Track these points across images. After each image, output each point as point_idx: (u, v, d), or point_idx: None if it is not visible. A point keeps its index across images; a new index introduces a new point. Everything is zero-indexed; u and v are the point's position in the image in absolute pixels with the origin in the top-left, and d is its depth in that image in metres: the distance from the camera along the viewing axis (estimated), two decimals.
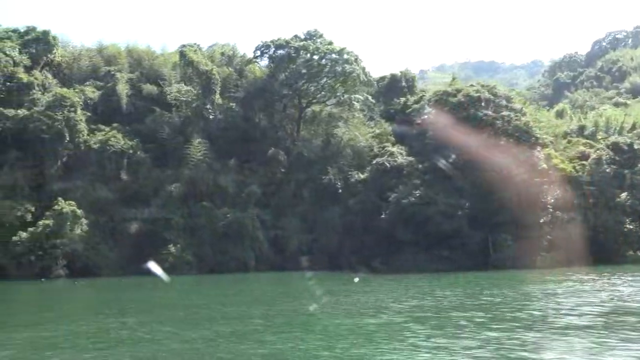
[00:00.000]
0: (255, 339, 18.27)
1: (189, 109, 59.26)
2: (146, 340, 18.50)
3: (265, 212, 56.22)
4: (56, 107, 53.04)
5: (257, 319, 23.24)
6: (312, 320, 22.41)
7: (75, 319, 24.95)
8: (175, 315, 25.02)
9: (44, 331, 20.68)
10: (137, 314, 25.52)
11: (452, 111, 52.01)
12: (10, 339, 18.87)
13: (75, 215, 48.51)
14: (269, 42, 64.33)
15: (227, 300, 31.69)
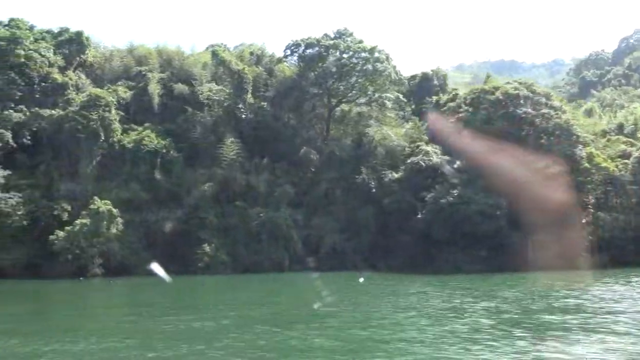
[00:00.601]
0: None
1: (220, 108, 59.15)
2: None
3: (297, 212, 55.85)
4: (91, 106, 53.30)
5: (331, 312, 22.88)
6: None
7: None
8: (267, 313, 25.94)
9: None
10: (228, 313, 26.21)
11: (489, 109, 50.98)
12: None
13: (111, 215, 48.63)
14: (299, 41, 64.04)
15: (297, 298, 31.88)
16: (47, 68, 55.24)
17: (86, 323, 25.73)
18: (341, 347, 18.42)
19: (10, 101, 52.32)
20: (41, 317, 27.98)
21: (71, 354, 17.83)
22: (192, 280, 45.90)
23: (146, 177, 54.69)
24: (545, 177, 46.32)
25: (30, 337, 20.30)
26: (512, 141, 49.05)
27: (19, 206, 46.99)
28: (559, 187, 46.24)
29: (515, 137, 48.93)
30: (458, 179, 48.66)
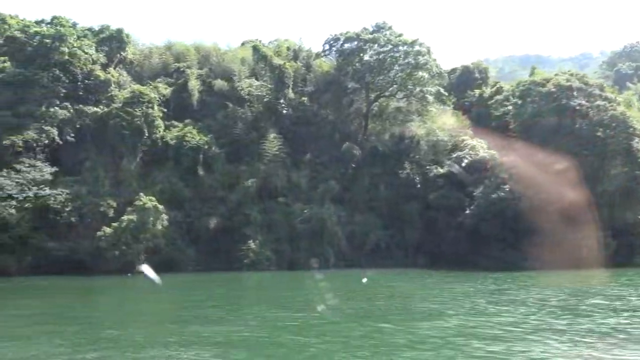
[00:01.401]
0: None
1: (260, 104, 58.69)
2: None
3: (339, 208, 55.11)
4: (134, 103, 53.38)
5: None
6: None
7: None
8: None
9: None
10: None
11: (540, 102, 49.50)
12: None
13: (157, 211, 48.57)
14: (338, 36, 63.25)
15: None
16: (91, 65, 55.42)
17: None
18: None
19: (56, 98, 52.62)
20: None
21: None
22: (239, 276, 45.52)
23: (188, 174, 54.62)
24: (601, 171, 44.73)
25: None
26: (564, 135, 47.51)
27: (67, 203, 47.20)
28: (617, 181, 44.66)
29: (567, 131, 47.31)
30: (508, 174, 47.30)
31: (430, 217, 52.78)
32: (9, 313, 27.48)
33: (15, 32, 55.70)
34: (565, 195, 41.22)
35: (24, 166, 47.63)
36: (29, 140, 49.39)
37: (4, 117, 50.17)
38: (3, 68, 51.73)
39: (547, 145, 47.88)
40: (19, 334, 20.77)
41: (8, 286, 40.25)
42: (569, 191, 43.95)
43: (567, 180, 44.49)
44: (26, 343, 19.11)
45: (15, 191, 45.73)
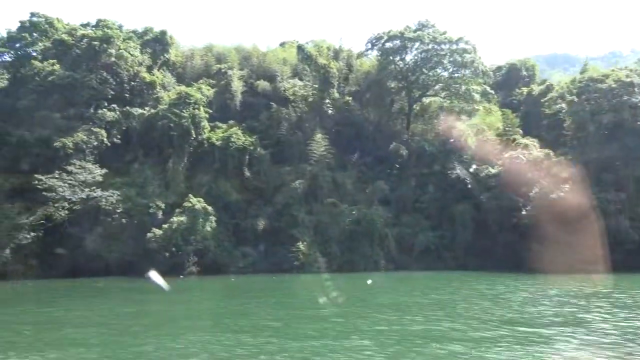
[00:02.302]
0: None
1: (305, 104, 58.08)
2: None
3: (385, 209, 54.09)
4: (181, 104, 53.26)
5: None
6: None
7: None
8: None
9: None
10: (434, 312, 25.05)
11: (599, 99, 47.79)
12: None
13: (206, 212, 48.24)
14: (381, 34, 62.32)
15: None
16: (137, 67, 55.52)
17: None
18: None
19: (104, 100, 52.81)
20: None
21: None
22: (295, 278, 44.75)
23: (234, 175, 54.27)
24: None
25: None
26: (624, 132, 45.73)
27: (118, 204, 47.16)
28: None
29: (628, 128, 45.49)
30: (568, 173, 45.71)
31: (481, 218, 51.38)
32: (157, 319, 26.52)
33: (63, 35, 56.13)
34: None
35: (75, 168, 47.76)
36: (79, 142, 49.59)
37: (55, 120, 50.52)
38: (53, 71, 52.07)
39: (606, 142, 46.19)
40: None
41: (79, 287, 39.94)
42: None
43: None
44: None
45: (68, 193, 45.83)
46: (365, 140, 59.11)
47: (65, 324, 23.99)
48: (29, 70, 53.86)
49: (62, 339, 20.49)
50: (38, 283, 42.47)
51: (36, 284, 42.44)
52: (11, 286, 41.04)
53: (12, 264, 45.80)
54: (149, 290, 40.31)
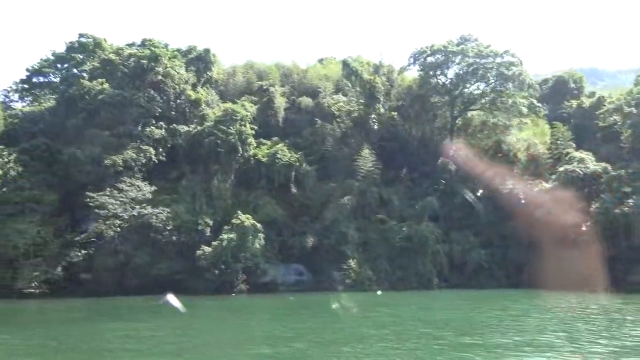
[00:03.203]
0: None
1: (349, 119, 57.60)
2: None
3: (434, 226, 52.82)
4: (227, 121, 53.24)
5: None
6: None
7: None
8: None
9: None
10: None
11: None
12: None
13: (255, 229, 47.73)
14: (424, 49, 61.70)
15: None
16: (183, 85, 55.86)
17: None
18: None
19: (151, 118, 53.14)
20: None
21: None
22: (355, 296, 43.50)
23: (279, 191, 53.81)
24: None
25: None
26: None
27: (167, 221, 47.00)
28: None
29: None
30: (632, 187, 44.05)
31: (535, 235, 49.67)
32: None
33: (111, 54, 56.92)
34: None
35: (126, 185, 47.88)
36: (128, 159, 49.82)
37: (104, 137, 50.93)
38: (102, 90, 52.67)
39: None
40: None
41: (141, 305, 39.40)
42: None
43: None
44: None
45: (120, 210, 45.87)
46: (410, 155, 58.19)
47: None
48: (78, 90, 54.56)
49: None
50: (91, 301, 42.19)
51: (88, 302, 42.14)
52: (63, 303, 40.74)
53: (63, 281, 46.03)
54: (220, 307, 39.48)
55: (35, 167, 50.30)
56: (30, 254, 46.26)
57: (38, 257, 46.35)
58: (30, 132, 55.28)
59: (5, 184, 47.79)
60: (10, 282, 45.32)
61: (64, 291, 45.14)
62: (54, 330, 27.52)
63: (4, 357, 20.56)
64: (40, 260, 46.03)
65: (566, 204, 47.77)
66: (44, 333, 26.46)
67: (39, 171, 49.98)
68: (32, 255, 46.21)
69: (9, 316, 36.08)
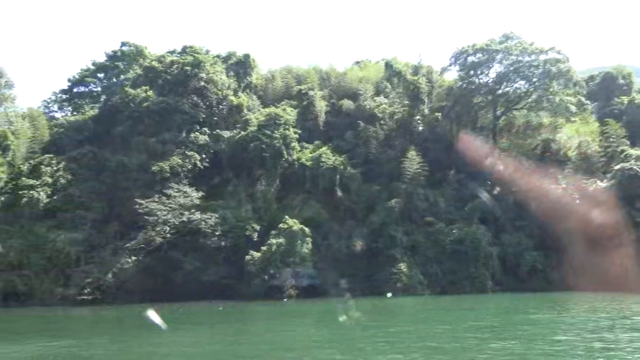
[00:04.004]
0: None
1: (392, 121, 56.80)
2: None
3: (483, 228, 51.51)
4: (270, 125, 53.00)
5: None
6: None
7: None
8: None
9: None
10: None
11: None
12: None
13: (303, 233, 47.20)
14: (466, 48, 60.61)
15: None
16: (225, 90, 55.89)
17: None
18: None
19: (195, 124, 53.24)
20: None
21: None
22: (409, 301, 42.63)
23: (324, 195, 53.24)
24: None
25: None
26: None
27: (216, 227, 46.82)
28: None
29: None
30: None
31: (592, 236, 48.00)
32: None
33: (153, 62, 57.33)
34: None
35: (174, 191, 47.92)
36: (174, 165, 49.92)
37: (150, 144, 51.19)
38: (147, 97, 52.99)
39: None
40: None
41: (201, 311, 39.08)
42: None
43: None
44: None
45: (170, 216, 45.87)
46: (454, 156, 57.00)
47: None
48: (122, 98, 55.05)
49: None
50: (143, 308, 41.98)
51: (142, 308, 41.95)
52: (115, 310, 40.70)
53: (113, 288, 46.16)
54: (280, 313, 38.76)
55: (84, 175, 50.91)
56: (81, 261, 46.72)
57: (89, 264, 46.78)
58: (76, 140, 56.06)
59: (56, 192, 48.36)
60: (62, 289, 45.86)
61: (114, 298, 45.37)
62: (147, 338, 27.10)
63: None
64: (91, 267, 46.40)
65: (625, 203, 46.12)
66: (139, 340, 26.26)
67: (87, 179, 50.54)
68: (84, 262, 46.67)
69: (70, 323, 36.13)
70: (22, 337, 27.90)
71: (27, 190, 47.43)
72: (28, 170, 49.78)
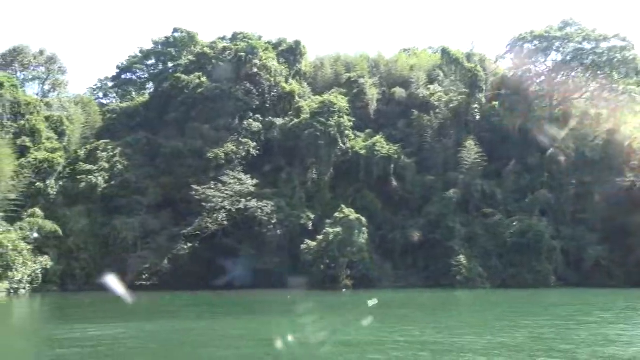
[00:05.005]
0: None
1: (447, 110, 55.33)
2: None
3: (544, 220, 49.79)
4: (324, 113, 52.14)
5: None
6: None
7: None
8: None
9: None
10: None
11: None
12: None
13: (360, 223, 46.37)
14: (523, 35, 58.61)
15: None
16: (278, 77, 55.20)
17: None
18: None
19: (249, 111, 52.74)
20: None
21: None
22: (469, 294, 41.42)
23: (379, 184, 52.29)
24: None
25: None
26: None
27: (272, 215, 46.32)
28: None
29: None
30: None
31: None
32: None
33: (205, 48, 56.95)
34: None
35: (229, 178, 47.56)
36: (229, 152, 49.55)
37: (204, 131, 50.89)
38: (201, 83, 52.66)
39: None
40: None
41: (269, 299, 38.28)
42: None
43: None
44: None
45: (227, 203, 45.55)
46: (511, 147, 55.30)
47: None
48: (174, 84, 54.86)
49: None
50: (202, 294, 41.83)
51: (200, 295, 41.77)
52: (175, 296, 40.43)
53: (169, 274, 46.13)
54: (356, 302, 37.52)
55: (138, 160, 50.96)
56: (137, 247, 46.84)
57: (145, 250, 46.87)
58: (128, 126, 56.25)
59: (113, 177, 48.51)
60: (120, 274, 46.06)
61: (169, 284, 45.30)
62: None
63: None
64: (147, 252, 46.47)
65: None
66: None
67: (142, 165, 50.58)
68: (140, 247, 46.78)
69: (139, 307, 35.74)
70: (103, 319, 27.58)
71: (85, 175, 47.69)
72: (85, 155, 50.04)
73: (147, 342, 20.36)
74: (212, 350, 18.80)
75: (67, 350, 18.36)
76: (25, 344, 21.45)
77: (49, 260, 43.13)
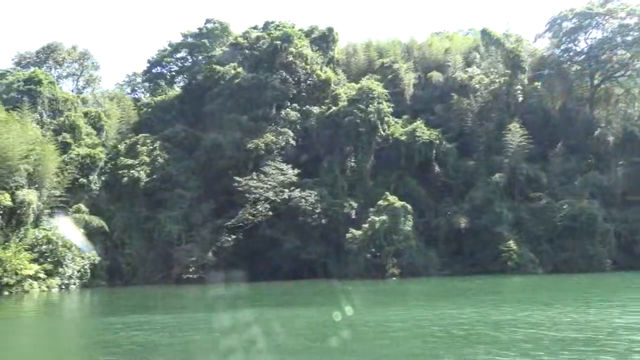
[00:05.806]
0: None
1: (487, 92, 53.98)
2: None
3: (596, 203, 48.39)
4: (363, 99, 51.26)
5: None
6: None
7: None
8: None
9: None
10: None
11: None
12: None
13: (405, 210, 45.56)
14: (564, 12, 56.86)
15: None
16: (314, 65, 54.37)
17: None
18: None
19: (286, 100, 52.08)
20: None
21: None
22: (528, 280, 40.20)
23: (420, 171, 51.37)
24: None
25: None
26: None
27: (316, 204, 45.78)
28: None
29: None
30: None
31: None
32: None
33: (239, 38, 56.32)
34: None
35: (271, 169, 47.08)
36: (269, 142, 49.01)
37: (242, 121, 50.40)
38: (237, 74, 52.10)
39: None
40: None
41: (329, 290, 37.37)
42: None
43: None
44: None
45: (271, 194, 45.12)
46: (554, 128, 53.87)
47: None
48: (209, 75, 54.38)
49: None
50: (255, 286, 41.36)
51: (252, 287, 41.25)
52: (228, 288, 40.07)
53: (214, 266, 45.94)
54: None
55: (178, 154, 50.73)
56: (182, 240, 46.72)
57: (189, 243, 46.73)
58: (163, 120, 55.99)
59: (154, 171, 48.36)
60: (166, 268, 46.12)
61: (215, 277, 45.05)
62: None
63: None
64: (192, 245, 46.32)
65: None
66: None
67: (181, 158, 50.34)
68: (184, 241, 46.65)
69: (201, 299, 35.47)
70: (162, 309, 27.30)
71: (126, 170, 47.60)
72: (125, 150, 49.96)
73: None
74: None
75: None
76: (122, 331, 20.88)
77: (96, 256, 43.18)
